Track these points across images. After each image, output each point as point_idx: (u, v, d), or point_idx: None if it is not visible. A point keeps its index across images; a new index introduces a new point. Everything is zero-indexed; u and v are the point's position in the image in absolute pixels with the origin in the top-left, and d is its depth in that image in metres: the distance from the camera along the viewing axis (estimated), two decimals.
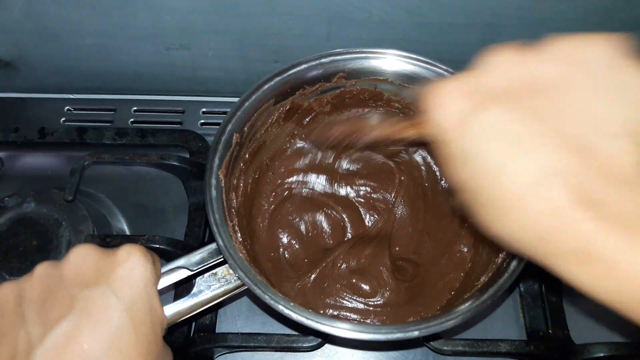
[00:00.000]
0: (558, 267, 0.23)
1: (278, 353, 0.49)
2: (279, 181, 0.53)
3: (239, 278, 0.37)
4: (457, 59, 0.58)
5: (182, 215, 0.55)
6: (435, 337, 0.46)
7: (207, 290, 0.38)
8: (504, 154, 0.23)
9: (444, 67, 0.45)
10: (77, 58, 0.60)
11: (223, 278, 0.38)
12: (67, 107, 0.64)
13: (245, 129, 0.45)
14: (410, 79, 0.47)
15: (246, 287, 0.37)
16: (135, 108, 0.64)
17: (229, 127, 0.44)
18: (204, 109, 0.64)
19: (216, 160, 0.42)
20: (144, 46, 0.58)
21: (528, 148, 0.22)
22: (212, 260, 0.39)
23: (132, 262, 0.32)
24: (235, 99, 0.45)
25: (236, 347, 0.47)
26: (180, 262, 0.38)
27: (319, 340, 0.46)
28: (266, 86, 0.45)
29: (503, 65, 0.25)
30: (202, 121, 0.63)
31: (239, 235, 0.42)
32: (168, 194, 0.58)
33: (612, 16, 0.52)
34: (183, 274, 0.38)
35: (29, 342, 0.29)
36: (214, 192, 0.41)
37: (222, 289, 0.38)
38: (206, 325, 0.48)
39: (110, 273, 0.31)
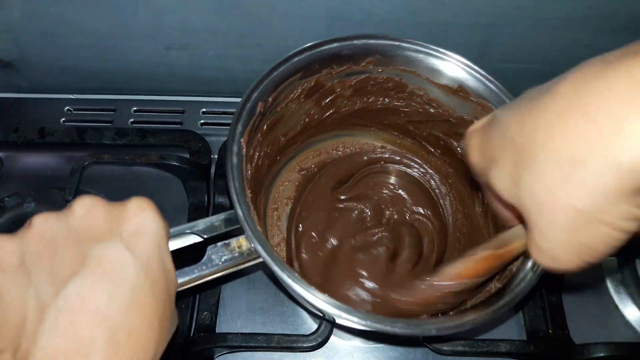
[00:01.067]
0: None
1: (278, 353, 0.49)
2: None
3: (253, 250, 0.36)
4: None
5: (182, 215, 0.55)
6: (438, 339, 0.46)
7: (218, 260, 0.36)
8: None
9: (477, 69, 0.45)
10: (77, 58, 0.60)
11: (235, 250, 0.36)
12: (67, 107, 0.64)
13: (270, 99, 0.43)
14: (439, 75, 0.46)
15: (257, 260, 0.36)
16: (135, 108, 0.64)
17: (255, 94, 0.42)
18: (204, 109, 0.64)
19: (239, 127, 0.40)
20: (144, 46, 0.58)
21: None
22: (225, 229, 0.37)
23: (144, 216, 0.30)
24: (235, 99, 0.44)
25: (236, 347, 0.47)
26: (192, 226, 0.36)
27: (319, 340, 0.46)
28: (296, 58, 0.44)
29: None
30: (202, 121, 0.63)
31: (252, 207, 0.41)
32: (168, 194, 0.58)
33: (611, 16, 0.52)
34: (193, 239, 0.36)
35: (40, 300, 0.26)
36: (235, 160, 0.39)
37: (234, 260, 0.36)
38: (206, 325, 0.48)
39: (123, 227, 0.29)
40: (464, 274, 0.37)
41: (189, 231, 0.36)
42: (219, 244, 0.36)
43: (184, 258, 0.36)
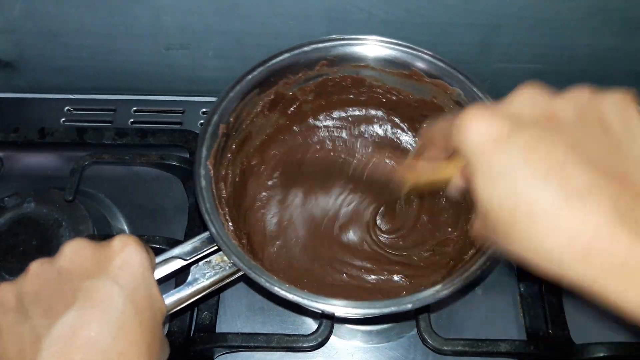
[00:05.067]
0: (597, 286, 0.22)
1: (278, 353, 0.49)
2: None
3: (233, 264, 0.38)
4: (457, 59, 0.58)
5: (182, 215, 0.55)
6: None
7: (202, 278, 0.38)
8: (538, 171, 0.23)
9: (424, 50, 0.46)
10: (77, 58, 0.60)
11: (217, 265, 0.39)
12: (67, 107, 0.64)
13: (231, 119, 0.45)
14: (390, 64, 0.47)
15: (241, 273, 0.38)
16: (135, 108, 0.64)
17: (215, 118, 0.44)
18: (204, 109, 0.64)
19: (204, 151, 0.43)
20: (144, 46, 0.58)
21: (561, 168, 0.23)
22: (205, 249, 0.39)
23: (128, 251, 0.32)
24: None
25: (236, 347, 0.47)
26: (175, 252, 0.38)
27: (319, 340, 0.46)
28: (249, 76, 0.46)
29: (531, 99, 0.26)
30: (202, 121, 0.63)
31: (231, 224, 0.43)
32: (168, 194, 0.58)
33: (612, 16, 0.52)
34: (178, 264, 0.38)
35: (36, 333, 0.29)
36: (203, 182, 0.41)
37: (217, 276, 0.38)
38: (206, 325, 0.48)
39: (109, 263, 0.32)
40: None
41: (172, 255, 0.38)
42: (201, 262, 0.39)
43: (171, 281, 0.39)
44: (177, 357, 0.46)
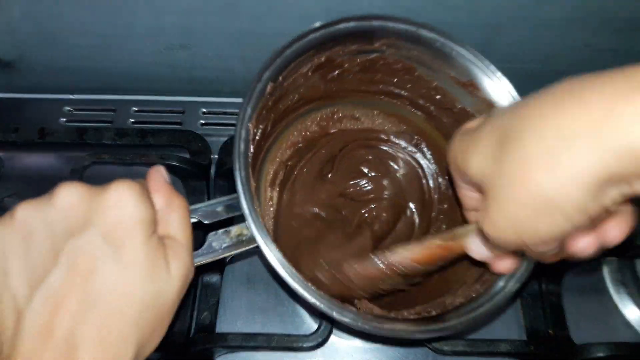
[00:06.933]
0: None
1: (278, 353, 0.49)
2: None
3: (251, 238, 0.36)
4: None
5: None
6: (437, 338, 0.46)
7: (218, 247, 0.36)
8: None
9: (492, 67, 0.45)
10: (77, 58, 0.60)
11: (235, 237, 0.37)
12: (66, 108, 0.64)
13: (280, 78, 0.42)
14: (450, 65, 0.45)
15: (254, 246, 0.36)
16: (135, 108, 0.64)
17: (266, 74, 0.40)
18: (204, 109, 0.64)
19: (248, 110, 0.39)
20: (144, 46, 0.58)
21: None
22: (226, 216, 0.37)
23: (123, 203, 0.28)
24: (236, 99, 0.45)
25: (236, 347, 0.47)
26: (193, 209, 0.36)
27: (319, 340, 0.46)
28: (311, 36, 0.42)
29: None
30: (202, 121, 0.63)
31: (255, 197, 0.40)
32: None
33: (612, 16, 0.52)
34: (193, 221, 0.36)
35: (16, 306, 0.25)
36: (242, 146, 0.38)
37: (233, 247, 0.37)
38: (206, 325, 0.48)
39: (100, 218, 0.28)
40: (413, 257, 0.39)
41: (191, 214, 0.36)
42: (220, 231, 0.37)
43: None
44: (177, 358, 0.46)
